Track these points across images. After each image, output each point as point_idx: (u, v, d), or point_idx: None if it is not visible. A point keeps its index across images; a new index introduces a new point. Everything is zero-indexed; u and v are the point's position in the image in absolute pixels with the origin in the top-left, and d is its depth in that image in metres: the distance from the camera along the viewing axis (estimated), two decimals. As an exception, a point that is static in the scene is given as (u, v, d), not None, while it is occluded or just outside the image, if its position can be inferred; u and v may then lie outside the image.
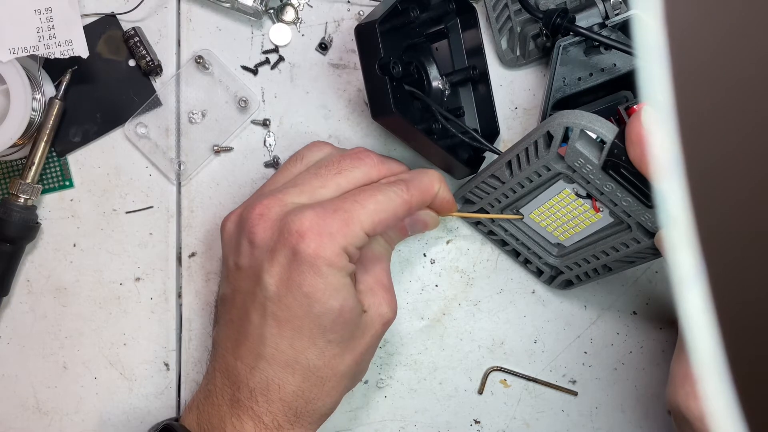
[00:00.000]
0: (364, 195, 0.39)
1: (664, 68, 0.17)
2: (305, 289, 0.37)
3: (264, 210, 0.39)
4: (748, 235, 0.18)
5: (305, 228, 0.37)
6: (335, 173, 0.40)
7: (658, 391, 0.49)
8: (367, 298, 0.41)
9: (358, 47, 0.39)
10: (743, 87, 0.17)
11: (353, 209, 0.38)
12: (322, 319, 0.38)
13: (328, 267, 0.37)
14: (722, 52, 0.17)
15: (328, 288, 0.37)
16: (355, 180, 0.40)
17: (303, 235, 0.37)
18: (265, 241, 0.38)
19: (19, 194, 0.44)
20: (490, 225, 0.46)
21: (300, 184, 0.40)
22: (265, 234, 0.38)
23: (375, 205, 0.38)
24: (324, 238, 0.37)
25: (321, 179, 0.40)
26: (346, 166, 0.40)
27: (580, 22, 0.41)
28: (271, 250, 0.38)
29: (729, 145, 0.17)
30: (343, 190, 0.40)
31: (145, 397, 0.47)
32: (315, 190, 0.39)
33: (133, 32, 0.45)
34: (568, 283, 0.47)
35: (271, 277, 0.38)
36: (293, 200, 0.39)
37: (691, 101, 0.17)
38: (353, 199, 0.38)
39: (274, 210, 0.38)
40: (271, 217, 0.38)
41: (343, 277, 0.38)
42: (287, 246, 0.37)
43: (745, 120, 0.17)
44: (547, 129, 0.38)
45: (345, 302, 0.38)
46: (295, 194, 0.39)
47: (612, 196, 0.38)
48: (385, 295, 0.42)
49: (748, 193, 0.17)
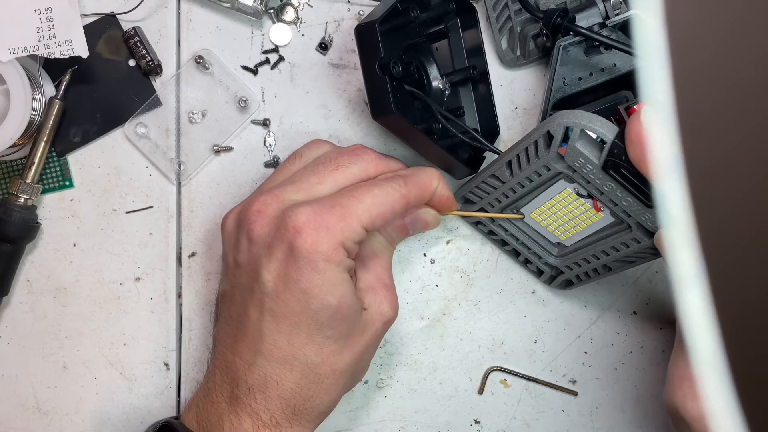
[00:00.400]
0: (361, 190, 0.39)
1: (664, 68, 0.17)
2: (302, 285, 0.37)
3: (261, 206, 0.39)
4: (748, 235, 0.18)
5: (301, 223, 0.37)
6: (332, 169, 0.40)
7: (658, 391, 0.49)
8: (368, 296, 0.41)
9: (358, 47, 0.39)
10: (743, 87, 0.17)
11: (350, 204, 0.38)
12: (320, 315, 0.38)
13: (325, 262, 0.37)
14: (722, 52, 0.17)
15: (326, 283, 0.37)
16: (352, 176, 0.40)
17: (299, 230, 0.37)
18: (262, 238, 0.38)
19: (19, 194, 0.44)
20: (491, 225, 0.46)
21: (298, 181, 0.40)
22: (262, 230, 0.38)
23: (372, 200, 0.38)
24: (321, 232, 0.37)
25: (318, 176, 0.40)
26: (344, 162, 0.40)
27: (580, 22, 0.41)
28: (268, 246, 0.38)
29: (729, 145, 0.17)
30: (340, 185, 0.40)
31: (145, 397, 0.47)
32: (312, 187, 0.40)
33: (133, 32, 0.45)
34: (568, 283, 0.47)
35: (268, 273, 0.38)
36: (291, 197, 0.39)
37: (691, 101, 0.17)
38: (350, 194, 0.38)
39: (272, 206, 0.39)
40: (269, 214, 0.39)
41: (341, 272, 0.38)
42: (284, 242, 0.37)
43: (745, 120, 0.17)
44: (547, 129, 0.38)
45: (343, 298, 0.38)
46: (293, 191, 0.39)
47: (612, 195, 0.38)
48: (386, 294, 0.42)
49: (748, 193, 0.17)
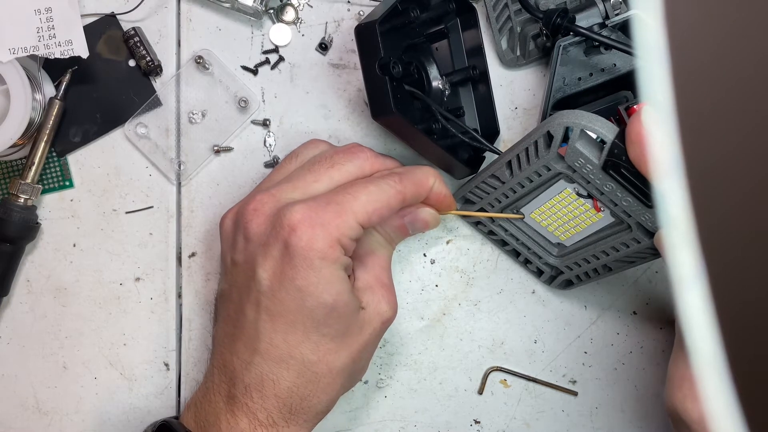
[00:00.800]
0: (356, 186, 0.39)
1: (664, 68, 0.17)
2: (298, 283, 0.37)
3: (258, 205, 0.39)
4: (748, 235, 0.18)
5: (296, 221, 0.37)
6: (328, 167, 0.40)
7: (658, 391, 0.49)
8: (366, 295, 0.41)
9: (358, 47, 0.39)
10: (743, 87, 0.17)
11: (345, 200, 0.38)
12: (316, 313, 0.38)
13: (320, 260, 0.37)
14: (722, 52, 0.17)
15: (321, 281, 0.37)
16: (348, 173, 0.40)
17: (294, 228, 0.37)
18: (258, 236, 0.39)
19: (19, 194, 0.44)
20: (491, 225, 0.46)
21: (294, 179, 0.40)
22: (258, 229, 0.39)
23: (368, 196, 0.38)
24: (316, 229, 0.37)
25: (314, 174, 0.40)
26: (340, 160, 0.41)
27: (580, 22, 0.41)
28: (264, 244, 0.38)
29: (729, 145, 0.17)
30: (336, 183, 0.40)
31: (145, 397, 0.47)
32: (309, 185, 0.40)
33: (133, 32, 0.45)
34: (568, 283, 0.47)
35: (264, 272, 0.38)
36: (287, 195, 0.39)
37: (691, 101, 0.17)
38: (345, 191, 0.38)
39: (268, 205, 0.39)
40: (265, 212, 0.39)
41: (337, 270, 0.38)
42: (279, 239, 0.37)
43: (745, 120, 0.17)
44: (547, 129, 0.38)
45: (339, 296, 0.38)
46: (289, 190, 0.40)
47: (612, 196, 0.38)
48: (384, 293, 0.42)
49: (748, 193, 0.17)
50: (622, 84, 0.43)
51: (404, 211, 0.42)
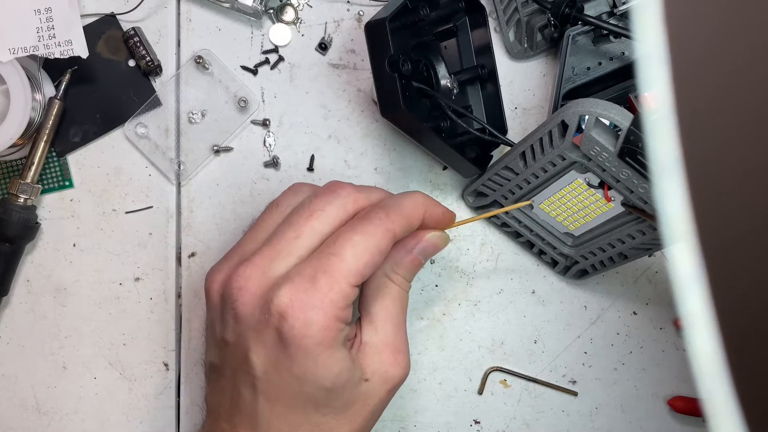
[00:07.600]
0: (339, 242, 0.36)
1: (664, 61, 0.17)
2: (294, 371, 0.35)
3: (243, 282, 0.37)
4: (748, 235, 0.18)
5: (285, 305, 0.35)
6: (307, 217, 0.37)
7: (658, 391, 0.49)
8: (373, 363, 0.38)
9: (368, 44, 0.39)
10: (743, 84, 0.17)
11: (331, 266, 0.35)
12: (315, 396, 0.36)
13: (316, 346, 0.35)
14: (721, 49, 0.17)
15: (319, 367, 0.35)
16: (330, 219, 0.38)
17: (285, 315, 0.35)
18: (247, 318, 0.36)
19: (19, 194, 0.44)
20: (504, 217, 0.46)
21: (275, 241, 0.38)
22: (245, 309, 0.36)
23: (354, 250, 0.36)
24: (308, 313, 0.35)
25: (294, 228, 0.37)
26: (319, 206, 0.38)
27: (588, 11, 0.41)
28: (254, 329, 0.36)
29: (729, 145, 0.17)
30: (319, 234, 0.37)
31: (145, 397, 0.47)
32: (290, 244, 0.37)
33: (132, 32, 0.45)
34: (583, 273, 0.47)
35: (258, 358, 0.36)
36: (270, 265, 0.37)
37: (690, 95, 0.17)
38: (329, 253, 0.36)
39: (253, 282, 0.36)
40: (251, 290, 0.36)
41: (335, 351, 0.36)
42: (270, 327, 0.35)
43: (746, 119, 0.17)
44: (561, 118, 0.38)
45: (338, 378, 0.36)
46: (272, 257, 0.37)
47: (628, 183, 0.38)
48: (394, 358, 0.39)
49: (748, 192, 0.17)
50: (631, 72, 0.43)
51: (409, 243, 0.40)
